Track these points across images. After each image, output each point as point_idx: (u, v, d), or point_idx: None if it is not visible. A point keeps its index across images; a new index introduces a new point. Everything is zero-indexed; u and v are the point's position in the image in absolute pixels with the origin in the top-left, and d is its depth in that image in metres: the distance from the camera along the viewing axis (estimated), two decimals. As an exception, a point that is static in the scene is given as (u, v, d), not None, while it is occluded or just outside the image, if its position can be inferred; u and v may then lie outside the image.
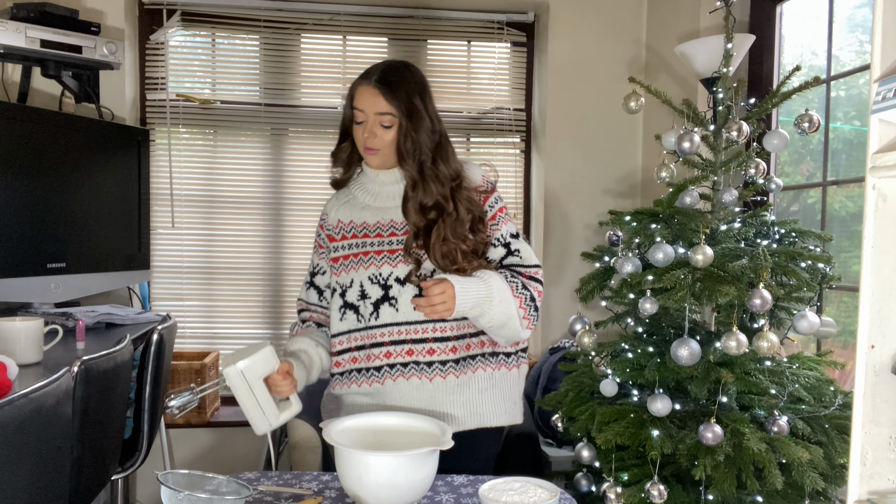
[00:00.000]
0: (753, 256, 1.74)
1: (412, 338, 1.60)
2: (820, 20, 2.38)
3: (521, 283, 1.61)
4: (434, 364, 1.60)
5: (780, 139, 1.90)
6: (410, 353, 1.60)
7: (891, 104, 0.93)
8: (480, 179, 1.68)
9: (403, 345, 1.61)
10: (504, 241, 1.65)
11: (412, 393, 1.61)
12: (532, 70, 3.35)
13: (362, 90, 1.61)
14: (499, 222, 1.65)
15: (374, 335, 1.62)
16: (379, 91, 1.59)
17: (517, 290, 1.60)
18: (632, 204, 3.19)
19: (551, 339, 3.19)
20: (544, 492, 1.32)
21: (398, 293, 1.60)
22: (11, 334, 1.86)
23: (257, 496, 1.41)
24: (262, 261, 3.22)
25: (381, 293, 1.62)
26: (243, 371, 1.43)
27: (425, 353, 1.60)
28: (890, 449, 0.99)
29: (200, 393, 1.56)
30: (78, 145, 2.59)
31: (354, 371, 1.65)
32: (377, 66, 1.64)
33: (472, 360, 1.64)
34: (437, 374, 1.60)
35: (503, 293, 1.56)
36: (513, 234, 1.67)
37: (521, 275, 1.63)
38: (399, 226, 1.65)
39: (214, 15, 3.14)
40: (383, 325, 1.62)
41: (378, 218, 1.67)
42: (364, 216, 1.69)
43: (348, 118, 1.66)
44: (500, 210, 1.67)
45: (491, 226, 1.65)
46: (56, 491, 1.49)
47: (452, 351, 1.61)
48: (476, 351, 1.64)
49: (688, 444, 1.71)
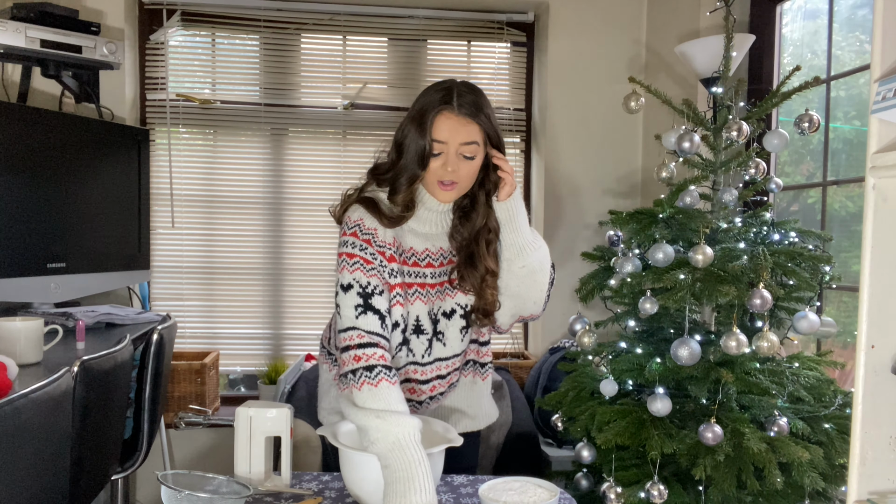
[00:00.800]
0: (753, 256, 1.74)
1: (438, 374, 1.59)
2: (820, 20, 2.38)
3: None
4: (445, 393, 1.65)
5: (780, 139, 1.90)
6: (433, 389, 1.60)
7: (891, 104, 0.93)
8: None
9: (429, 383, 1.59)
10: None
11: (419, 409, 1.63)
12: (532, 70, 3.35)
13: (444, 120, 1.42)
14: None
15: (425, 371, 1.57)
16: (466, 118, 1.42)
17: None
18: (632, 204, 3.19)
19: (551, 339, 3.19)
20: (544, 492, 1.32)
21: (445, 328, 1.56)
22: (11, 334, 1.86)
23: (257, 496, 1.41)
24: (262, 261, 3.22)
25: (432, 328, 1.55)
26: (251, 417, 1.44)
27: (446, 385, 1.63)
28: (890, 449, 0.99)
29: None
30: (78, 145, 2.59)
31: None
32: (449, 88, 1.45)
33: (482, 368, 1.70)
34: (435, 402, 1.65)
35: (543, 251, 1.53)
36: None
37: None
38: (446, 253, 1.55)
39: (214, 15, 3.14)
40: (432, 362, 1.58)
41: (427, 245, 1.53)
42: (411, 242, 1.52)
43: (420, 152, 1.43)
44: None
45: None
46: (56, 491, 1.49)
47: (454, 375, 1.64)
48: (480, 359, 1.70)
49: (688, 444, 1.71)
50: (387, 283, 1.46)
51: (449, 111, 1.41)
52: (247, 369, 3.27)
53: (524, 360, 3.22)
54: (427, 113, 1.42)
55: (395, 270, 1.48)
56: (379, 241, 1.47)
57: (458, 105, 1.41)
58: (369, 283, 1.43)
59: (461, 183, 1.45)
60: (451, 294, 1.54)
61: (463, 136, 1.42)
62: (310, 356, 3.13)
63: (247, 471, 1.44)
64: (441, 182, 1.44)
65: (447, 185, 1.44)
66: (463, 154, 1.43)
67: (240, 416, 1.44)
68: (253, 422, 1.43)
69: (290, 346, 3.25)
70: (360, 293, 1.42)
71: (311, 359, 3.09)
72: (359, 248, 1.45)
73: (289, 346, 3.25)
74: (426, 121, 1.42)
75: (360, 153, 3.23)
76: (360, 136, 3.24)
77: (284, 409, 1.45)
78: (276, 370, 3.12)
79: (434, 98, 1.44)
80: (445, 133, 1.41)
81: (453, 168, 1.42)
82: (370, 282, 1.43)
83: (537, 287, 1.53)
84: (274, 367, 3.14)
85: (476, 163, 1.45)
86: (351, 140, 3.24)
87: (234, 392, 3.33)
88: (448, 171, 1.43)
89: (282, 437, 1.45)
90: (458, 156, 1.43)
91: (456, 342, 1.56)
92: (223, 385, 3.30)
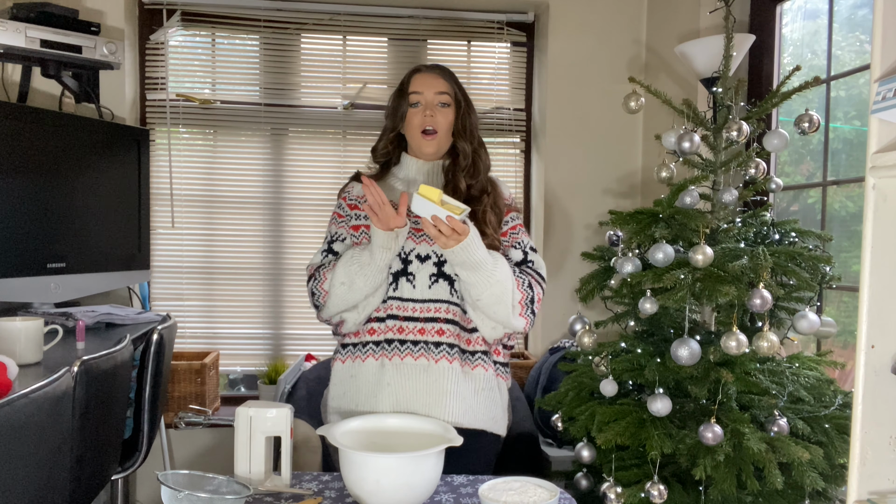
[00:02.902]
0: (753, 256, 1.74)
1: (424, 316, 1.64)
2: (820, 20, 2.38)
3: (528, 281, 1.65)
4: (442, 346, 1.63)
5: (780, 139, 1.90)
6: (422, 331, 1.63)
7: (891, 104, 0.93)
8: (507, 193, 1.80)
9: (416, 322, 1.63)
10: (524, 249, 1.73)
11: (418, 374, 1.62)
12: (532, 70, 3.35)
13: (419, 76, 1.72)
14: (520, 233, 1.76)
15: (391, 307, 1.64)
16: (437, 74, 1.72)
17: (518, 275, 1.64)
18: (632, 204, 3.19)
19: (551, 339, 3.19)
20: (544, 492, 1.32)
21: (416, 269, 1.64)
22: (11, 334, 1.86)
23: (257, 496, 1.41)
24: (262, 261, 3.22)
25: (400, 266, 1.65)
26: (251, 417, 1.44)
27: (435, 332, 1.63)
28: (890, 449, 0.99)
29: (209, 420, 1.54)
30: (78, 145, 2.59)
31: (371, 343, 1.66)
32: (422, 65, 1.78)
33: (473, 357, 1.68)
34: (443, 357, 1.62)
35: (504, 272, 1.59)
36: (532, 247, 1.75)
37: (530, 275, 1.68)
38: None
39: (214, 15, 3.14)
40: (399, 299, 1.64)
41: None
42: (391, 197, 1.68)
43: (400, 110, 1.71)
44: (520, 224, 1.78)
45: (512, 234, 1.74)
46: (56, 491, 1.49)
47: (457, 337, 1.65)
48: (478, 347, 1.68)
49: (688, 444, 1.71)
50: (351, 228, 1.71)
51: (422, 70, 1.74)
52: (247, 369, 3.27)
53: (524, 360, 3.22)
54: (404, 81, 1.74)
55: (361, 215, 1.71)
56: (352, 195, 1.76)
57: (428, 68, 1.74)
58: (337, 232, 1.74)
59: (440, 132, 1.69)
60: (429, 241, 1.64)
61: (437, 86, 1.70)
62: (310, 356, 3.13)
63: (247, 471, 1.44)
64: (423, 132, 1.69)
65: (429, 134, 1.69)
66: (440, 102, 1.69)
67: (240, 416, 1.44)
68: (253, 422, 1.43)
69: (290, 346, 3.25)
70: (327, 241, 1.74)
71: (310, 359, 3.09)
72: (337, 206, 1.78)
73: (289, 346, 3.25)
74: (404, 84, 1.72)
75: (360, 153, 3.23)
76: (360, 136, 3.24)
77: (284, 409, 1.45)
78: (276, 370, 3.12)
79: (409, 72, 1.76)
80: (420, 85, 1.70)
81: (431, 112, 1.68)
82: (337, 231, 1.74)
83: (503, 312, 1.61)
84: (274, 367, 3.14)
85: (450, 113, 1.71)
86: (351, 140, 3.24)
87: (234, 392, 3.33)
88: (427, 116, 1.67)
89: (282, 437, 1.45)
90: (436, 105, 1.68)
91: (425, 288, 1.64)
92: (223, 385, 3.30)
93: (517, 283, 1.62)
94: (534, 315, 1.66)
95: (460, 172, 1.70)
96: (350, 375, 1.68)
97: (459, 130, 1.72)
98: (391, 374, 1.62)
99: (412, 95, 1.69)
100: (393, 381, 1.61)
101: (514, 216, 1.77)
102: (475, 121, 1.76)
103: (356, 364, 1.67)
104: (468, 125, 1.73)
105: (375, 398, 1.63)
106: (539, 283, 1.68)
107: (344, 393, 1.69)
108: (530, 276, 1.67)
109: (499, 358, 1.73)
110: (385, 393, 1.62)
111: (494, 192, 1.73)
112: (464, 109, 1.72)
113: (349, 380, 1.68)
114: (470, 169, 1.71)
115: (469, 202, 1.64)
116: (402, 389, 1.61)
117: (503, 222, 1.73)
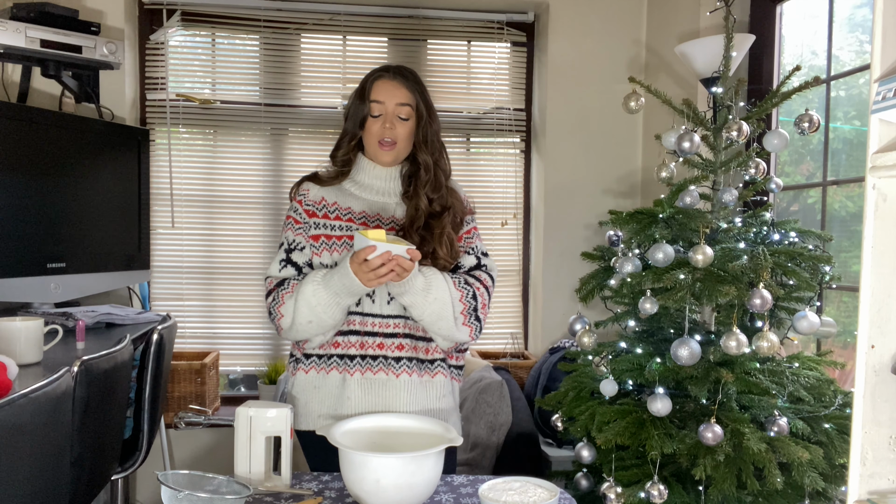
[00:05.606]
0: (753, 256, 1.74)
1: (384, 331, 1.63)
2: (820, 20, 2.38)
3: (472, 292, 1.63)
4: (402, 360, 1.63)
5: (780, 139, 1.90)
6: (381, 346, 1.63)
7: (891, 104, 0.93)
8: (463, 195, 1.77)
9: (376, 337, 1.63)
10: (477, 254, 1.72)
11: (378, 388, 1.62)
12: (532, 70, 3.35)
13: (381, 83, 1.64)
14: (474, 237, 1.74)
15: (353, 321, 1.63)
16: (399, 83, 1.64)
17: (462, 286, 1.62)
18: (632, 204, 3.19)
19: (551, 339, 3.19)
20: (544, 492, 1.32)
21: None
22: (11, 334, 1.86)
23: (257, 496, 1.41)
24: (262, 261, 3.21)
25: None
26: (251, 417, 1.44)
27: (395, 347, 1.63)
28: (890, 449, 0.99)
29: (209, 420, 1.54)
30: (78, 145, 2.59)
31: (336, 357, 1.65)
32: (387, 65, 1.70)
33: (433, 365, 1.68)
34: (403, 371, 1.63)
35: (440, 291, 1.57)
36: (484, 252, 1.74)
37: (479, 280, 1.66)
38: (386, 220, 1.67)
39: (214, 15, 3.14)
40: (360, 314, 1.63)
41: (364, 208, 1.68)
42: (349, 202, 1.68)
43: (360, 115, 1.65)
44: (475, 227, 1.76)
45: (466, 239, 1.72)
46: (56, 491, 1.49)
47: (415, 350, 1.65)
48: (436, 356, 1.68)
49: (688, 444, 1.71)
50: (310, 238, 1.65)
51: (385, 77, 1.65)
52: (247, 369, 3.27)
53: (524, 360, 3.22)
54: (366, 83, 1.66)
55: (318, 224, 1.66)
56: (308, 200, 1.69)
57: (393, 73, 1.66)
58: (295, 240, 1.67)
59: (399, 144, 1.65)
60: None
61: (398, 97, 1.63)
62: (310, 356, 3.12)
63: (247, 471, 1.44)
64: (381, 142, 1.64)
65: (386, 144, 1.64)
66: (400, 115, 1.63)
67: (240, 416, 1.44)
68: (253, 422, 1.43)
69: (289, 346, 3.23)
70: (284, 248, 1.67)
71: (311, 359, 3.09)
72: (292, 209, 1.70)
73: (289, 346, 3.22)
74: (365, 88, 1.65)
75: (360, 153, 3.23)
76: (360, 136, 3.24)
77: (284, 409, 1.45)
78: (276, 370, 3.12)
79: (372, 73, 1.68)
80: (382, 94, 1.63)
81: (391, 125, 1.62)
82: (295, 239, 1.67)
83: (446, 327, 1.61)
84: (274, 367, 3.14)
85: (410, 125, 1.65)
86: (351, 140, 3.24)
87: (234, 392, 3.34)
88: (387, 129, 1.62)
89: (282, 437, 1.45)
90: (395, 117, 1.63)
91: (384, 303, 1.62)
92: (223, 385, 3.30)
93: (460, 295, 1.61)
94: (479, 321, 1.64)
95: (422, 188, 1.66)
96: (314, 387, 1.68)
97: (420, 142, 1.67)
98: (352, 388, 1.63)
99: (373, 104, 1.63)
100: (353, 396, 1.63)
101: (469, 219, 1.74)
102: (437, 128, 1.71)
103: (320, 376, 1.67)
104: (429, 135, 1.68)
105: (336, 412, 1.64)
106: (486, 289, 1.66)
107: (307, 402, 1.69)
108: (474, 286, 1.64)
109: (454, 362, 1.72)
110: (345, 406, 1.63)
111: (454, 206, 1.69)
112: (425, 120, 1.67)
113: (313, 391, 1.68)
114: (432, 182, 1.67)
115: (430, 219, 1.63)
116: (361, 403, 1.62)
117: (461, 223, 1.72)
